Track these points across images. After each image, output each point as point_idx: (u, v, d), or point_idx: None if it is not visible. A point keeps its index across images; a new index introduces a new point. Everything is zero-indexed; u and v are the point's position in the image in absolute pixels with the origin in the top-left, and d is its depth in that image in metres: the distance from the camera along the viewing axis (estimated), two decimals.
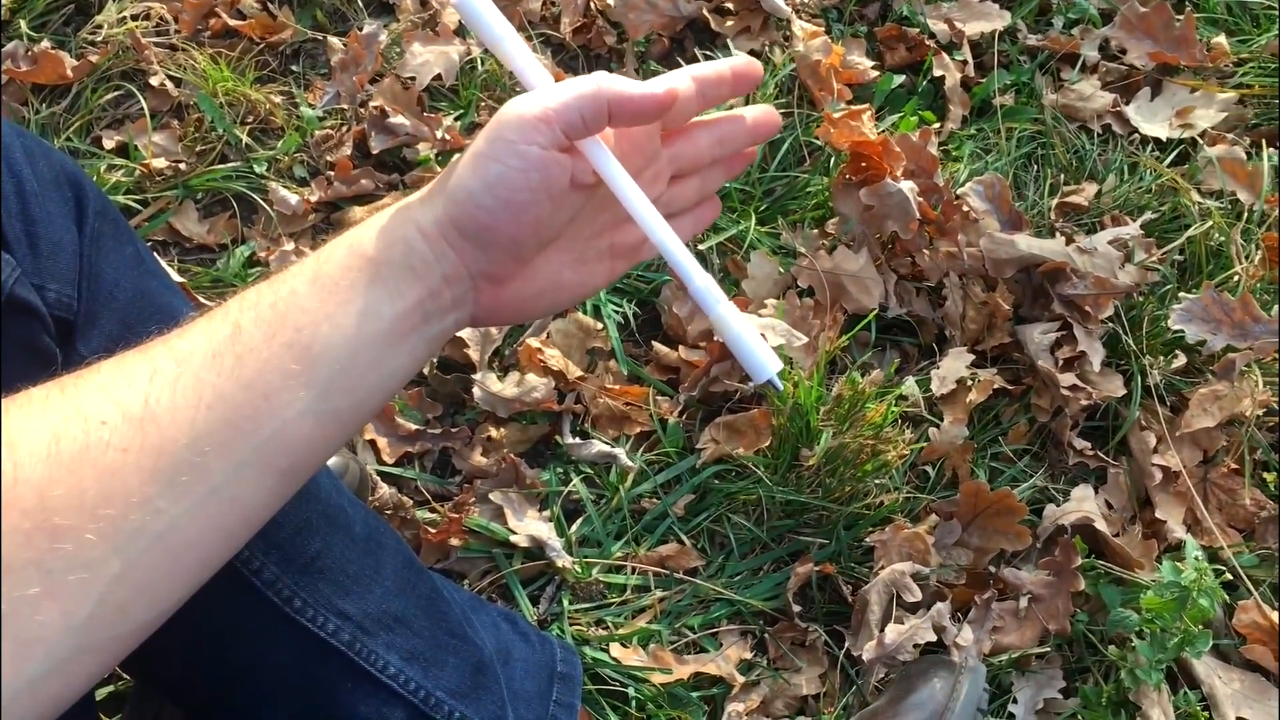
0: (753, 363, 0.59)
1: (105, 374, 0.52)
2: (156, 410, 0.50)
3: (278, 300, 0.55)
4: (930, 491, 1.24)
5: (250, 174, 1.41)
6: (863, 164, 1.35)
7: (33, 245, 0.70)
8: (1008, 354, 1.32)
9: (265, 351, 0.53)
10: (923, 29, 1.57)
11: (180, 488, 0.50)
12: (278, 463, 0.53)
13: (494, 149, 0.56)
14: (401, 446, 1.25)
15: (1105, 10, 1.62)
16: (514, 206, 0.56)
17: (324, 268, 0.56)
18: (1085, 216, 1.41)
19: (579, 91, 0.56)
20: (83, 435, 0.49)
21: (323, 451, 0.56)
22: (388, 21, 1.54)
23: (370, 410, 0.58)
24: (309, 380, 0.53)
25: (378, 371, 0.56)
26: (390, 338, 0.56)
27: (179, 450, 0.50)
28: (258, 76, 1.48)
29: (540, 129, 0.56)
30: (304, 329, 0.54)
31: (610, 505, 1.23)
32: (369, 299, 0.55)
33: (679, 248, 0.61)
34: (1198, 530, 1.24)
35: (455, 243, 0.57)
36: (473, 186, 0.56)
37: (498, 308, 0.62)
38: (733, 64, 0.64)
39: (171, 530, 0.50)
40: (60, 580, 0.47)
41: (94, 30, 1.48)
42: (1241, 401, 1.26)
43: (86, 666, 0.49)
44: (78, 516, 0.47)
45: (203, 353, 0.53)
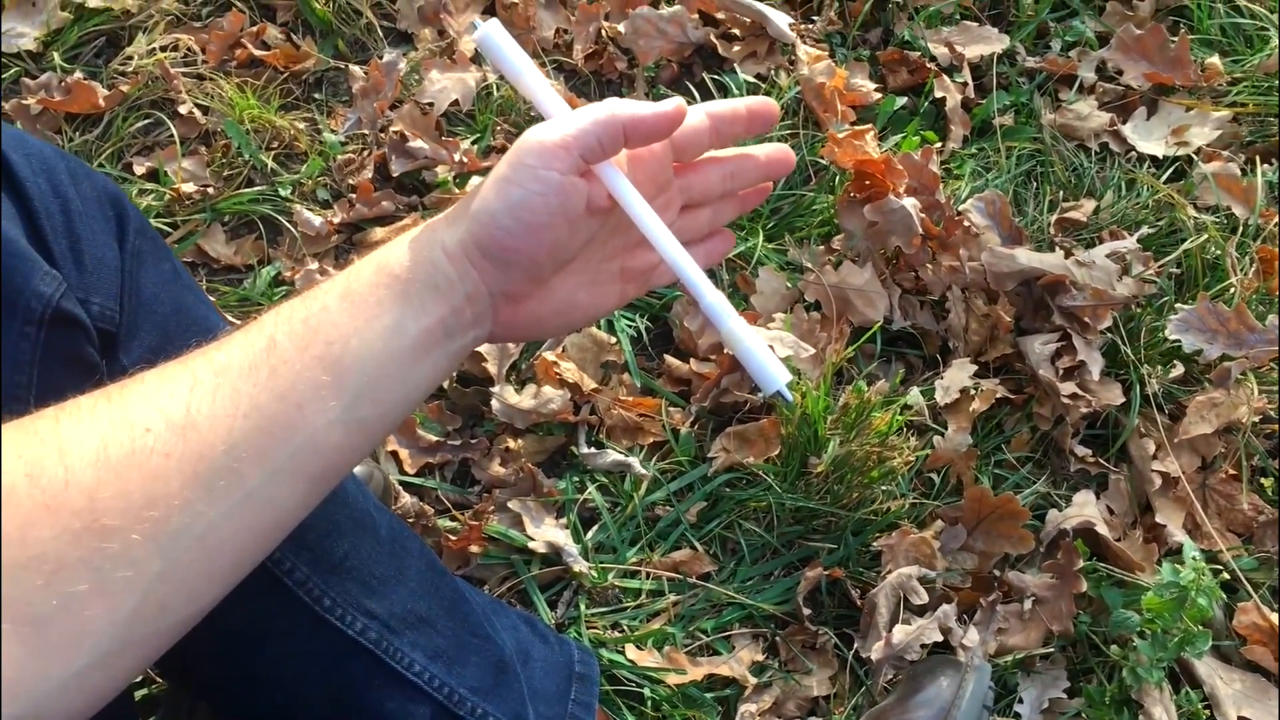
0: (762, 375, 0.62)
1: (149, 384, 0.55)
2: (197, 418, 0.53)
3: (310, 315, 0.58)
4: (935, 498, 1.28)
5: (275, 197, 1.46)
6: (866, 182, 1.40)
7: (78, 261, 0.74)
8: (1010, 364, 1.36)
9: (298, 364, 0.56)
10: (924, 52, 1.61)
11: (219, 492, 0.53)
12: (309, 469, 0.56)
13: (516, 174, 0.60)
14: (423, 457, 1.29)
15: (1102, 33, 1.66)
16: (533, 228, 0.60)
17: (354, 285, 0.60)
18: (1084, 231, 1.45)
19: (595, 118, 0.61)
20: (129, 441, 0.52)
21: (351, 459, 0.59)
22: (406, 50, 1.59)
23: (395, 420, 0.61)
24: (339, 391, 0.57)
25: (403, 383, 0.60)
26: (415, 352, 0.60)
27: (218, 456, 0.53)
28: (282, 104, 1.53)
29: (559, 155, 0.60)
30: (334, 343, 0.57)
31: (625, 513, 1.26)
32: (396, 315, 0.59)
33: (691, 266, 0.64)
34: (1197, 534, 1.27)
35: (477, 262, 0.61)
36: (495, 209, 0.60)
37: (514, 325, 0.66)
38: (749, 103, 0.68)
39: (210, 532, 0.53)
40: (108, 577, 0.50)
41: (124, 61, 1.54)
42: (1238, 409, 1.30)
43: (127, 661, 0.52)
44: (124, 518, 0.50)
45: (240, 364, 0.56)
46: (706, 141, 0.68)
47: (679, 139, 0.67)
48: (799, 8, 1.67)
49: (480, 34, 0.64)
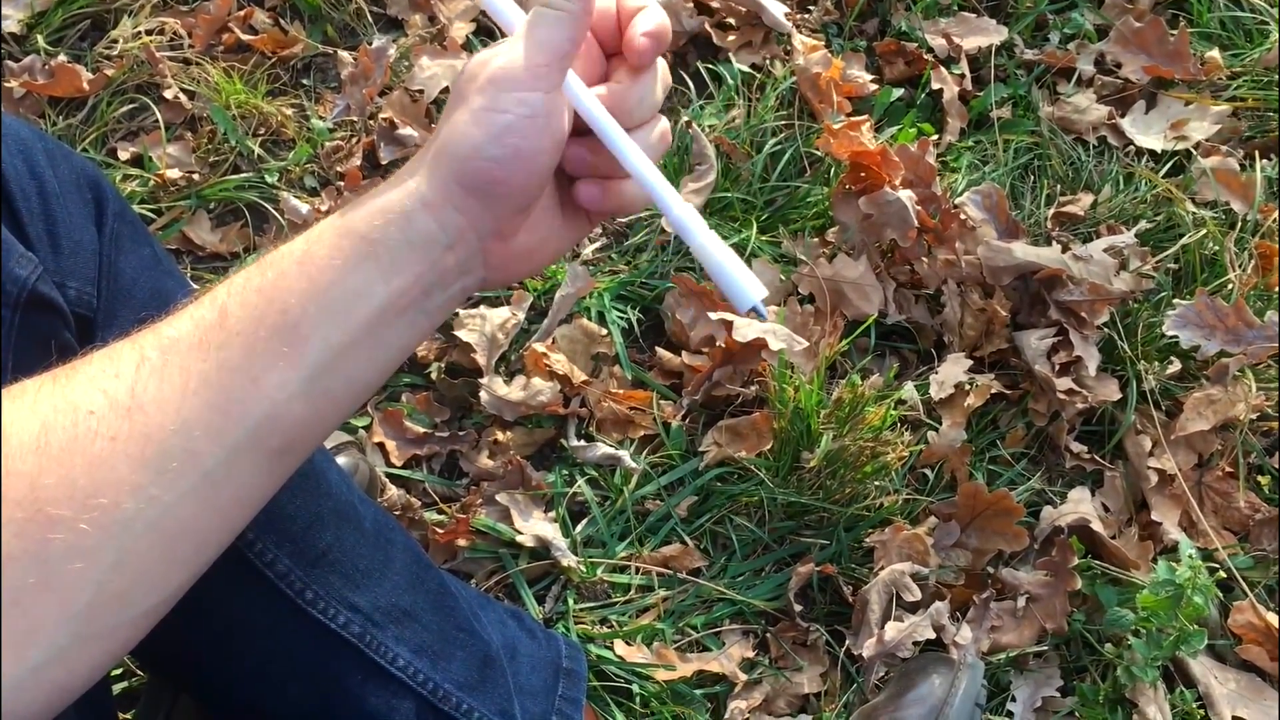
0: (735, 291, 0.57)
1: (95, 364, 0.52)
2: (143, 398, 0.50)
3: (265, 284, 0.54)
4: (929, 494, 1.26)
5: (262, 184, 1.44)
6: (862, 174, 1.38)
7: (54, 245, 0.72)
8: (1005, 359, 1.34)
9: (252, 336, 0.52)
10: (921, 44, 1.60)
11: (171, 474, 0.50)
12: (270, 444, 0.53)
13: (496, 101, 0.55)
14: (409, 449, 1.27)
15: (1101, 25, 1.65)
16: (524, 154, 0.55)
17: (313, 249, 0.55)
18: (1081, 226, 1.44)
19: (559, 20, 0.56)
20: (71, 426, 0.49)
21: (318, 430, 0.56)
22: (396, 36, 1.57)
23: (367, 387, 0.57)
24: (298, 363, 0.53)
25: (371, 350, 0.56)
26: (385, 315, 0.55)
27: (167, 436, 0.50)
28: (269, 90, 1.51)
29: (541, 74, 0.55)
30: (290, 311, 0.53)
31: (614, 507, 1.25)
32: (361, 278, 0.54)
33: (656, 176, 0.59)
34: (1193, 532, 1.25)
35: (462, 203, 0.56)
36: (478, 140, 0.55)
37: (506, 264, 0.61)
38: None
39: (166, 517, 0.50)
40: (56, 570, 0.47)
41: (109, 45, 1.51)
42: (1235, 406, 1.28)
43: (90, 654, 0.50)
44: (70, 506, 0.48)
45: (189, 339, 0.52)
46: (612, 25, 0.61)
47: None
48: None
49: None
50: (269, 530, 0.81)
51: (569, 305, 1.35)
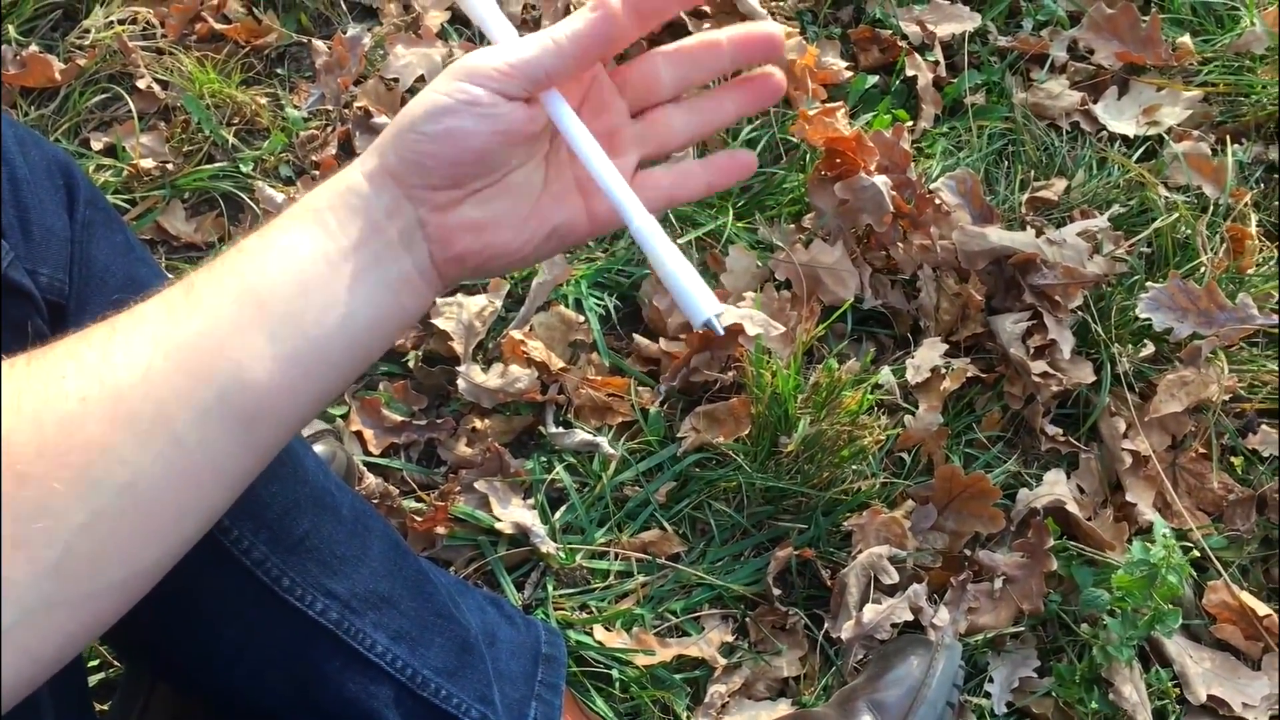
0: (689, 303, 0.58)
1: (70, 340, 0.53)
2: (114, 361, 0.51)
3: (228, 258, 0.56)
4: (906, 477, 1.27)
5: (237, 174, 1.43)
6: (837, 160, 1.38)
7: (25, 231, 0.72)
8: (981, 343, 1.35)
9: (215, 300, 0.54)
10: (895, 31, 1.60)
11: (143, 436, 0.50)
12: (240, 408, 0.53)
13: (445, 86, 0.57)
14: (387, 438, 1.27)
15: (1073, 12, 1.66)
16: (456, 134, 0.57)
17: (271, 226, 0.58)
18: (1055, 211, 1.45)
19: (542, 46, 0.57)
20: (43, 389, 0.49)
21: (289, 401, 0.56)
22: (371, 25, 1.57)
23: (337, 358, 0.57)
24: (261, 324, 0.54)
25: (333, 312, 0.56)
26: (339, 276, 0.56)
27: (138, 398, 0.50)
28: (243, 79, 1.50)
29: (492, 76, 0.57)
30: (249, 273, 0.55)
31: (593, 493, 1.25)
32: (310, 238, 0.57)
33: (620, 184, 0.60)
34: (1168, 513, 1.26)
35: (394, 170, 0.58)
36: (416, 114, 0.57)
37: (450, 238, 0.60)
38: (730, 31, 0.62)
39: (138, 480, 0.50)
40: (25, 528, 0.47)
41: (81, 34, 1.50)
42: (1208, 387, 1.29)
43: (60, 621, 0.49)
44: (41, 464, 0.48)
45: (158, 311, 0.54)
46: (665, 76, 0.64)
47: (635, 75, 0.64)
48: None
49: None
50: (245, 517, 0.80)
51: (546, 292, 1.35)
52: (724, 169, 0.68)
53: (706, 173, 0.67)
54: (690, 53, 0.64)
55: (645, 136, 0.66)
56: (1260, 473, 1.29)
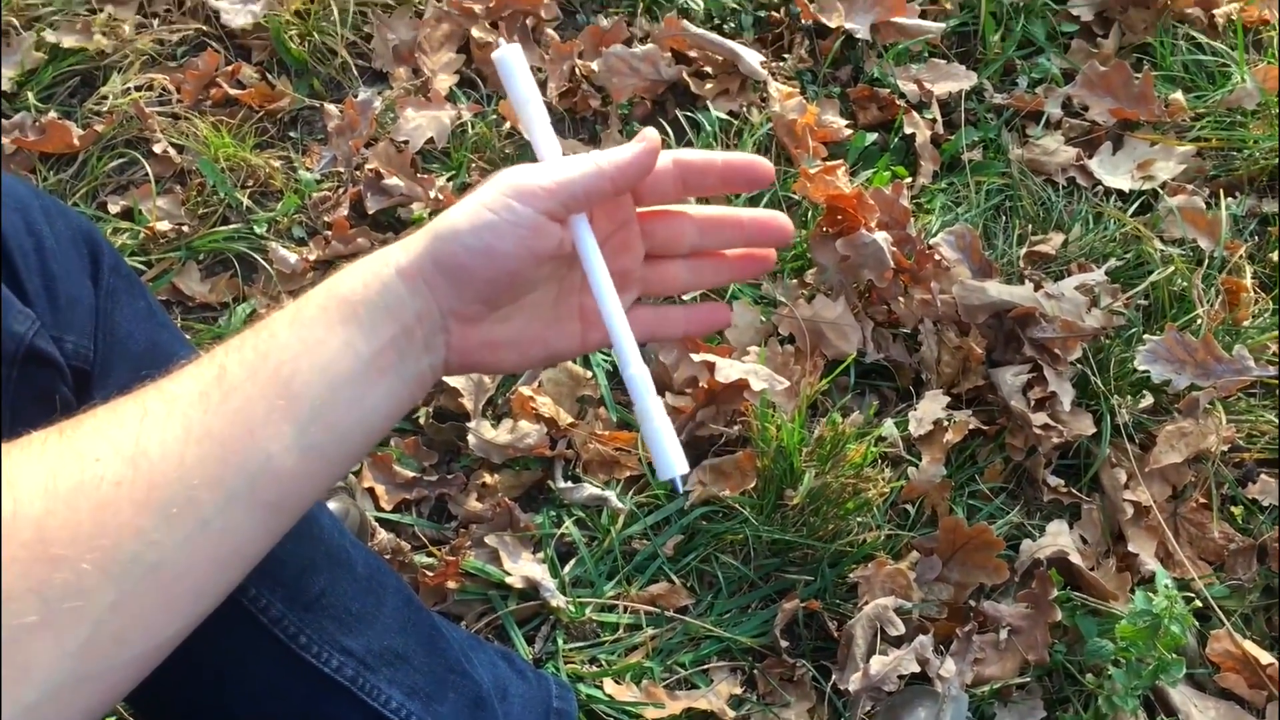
0: (662, 459, 0.62)
1: (100, 417, 0.54)
2: (148, 446, 0.52)
3: (259, 343, 0.58)
4: (911, 529, 1.29)
5: (251, 235, 1.46)
6: (838, 217, 1.41)
7: (52, 300, 0.74)
8: (982, 396, 1.37)
9: (249, 389, 0.55)
10: (893, 89, 1.64)
11: (172, 519, 0.52)
12: (265, 496, 0.55)
13: (492, 201, 0.60)
14: (399, 494, 1.29)
15: (1067, 69, 1.70)
16: (494, 253, 0.60)
17: (303, 310, 0.59)
18: (1053, 264, 1.47)
19: (584, 170, 0.61)
20: (78, 471, 0.51)
21: (309, 487, 0.58)
22: (381, 89, 1.61)
23: (354, 448, 0.60)
24: (292, 416, 0.56)
25: (359, 408, 0.59)
26: (368, 374, 0.59)
27: (170, 483, 0.52)
28: (257, 142, 1.54)
29: (540, 196, 0.60)
30: (284, 366, 0.56)
31: (602, 547, 1.27)
32: (346, 336, 0.58)
33: (625, 330, 0.64)
34: (1170, 563, 1.28)
35: (430, 278, 0.60)
36: (460, 226, 0.60)
37: (468, 352, 0.64)
38: (727, 157, 0.67)
39: (165, 561, 0.51)
40: (56, 608, 0.48)
41: (99, 101, 1.54)
42: (1207, 438, 1.31)
43: (84, 696, 0.50)
44: (73, 547, 0.49)
45: (190, 393, 0.55)
46: (670, 187, 0.67)
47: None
48: (770, 46, 1.69)
49: (499, 54, 0.65)
50: (263, 576, 0.82)
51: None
52: (702, 320, 0.73)
53: (685, 320, 0.72)
54: (715, 223, 0.69)
55: (649, 281, 0.70)
56: (1260, 522, 1.31)
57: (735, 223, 0.70)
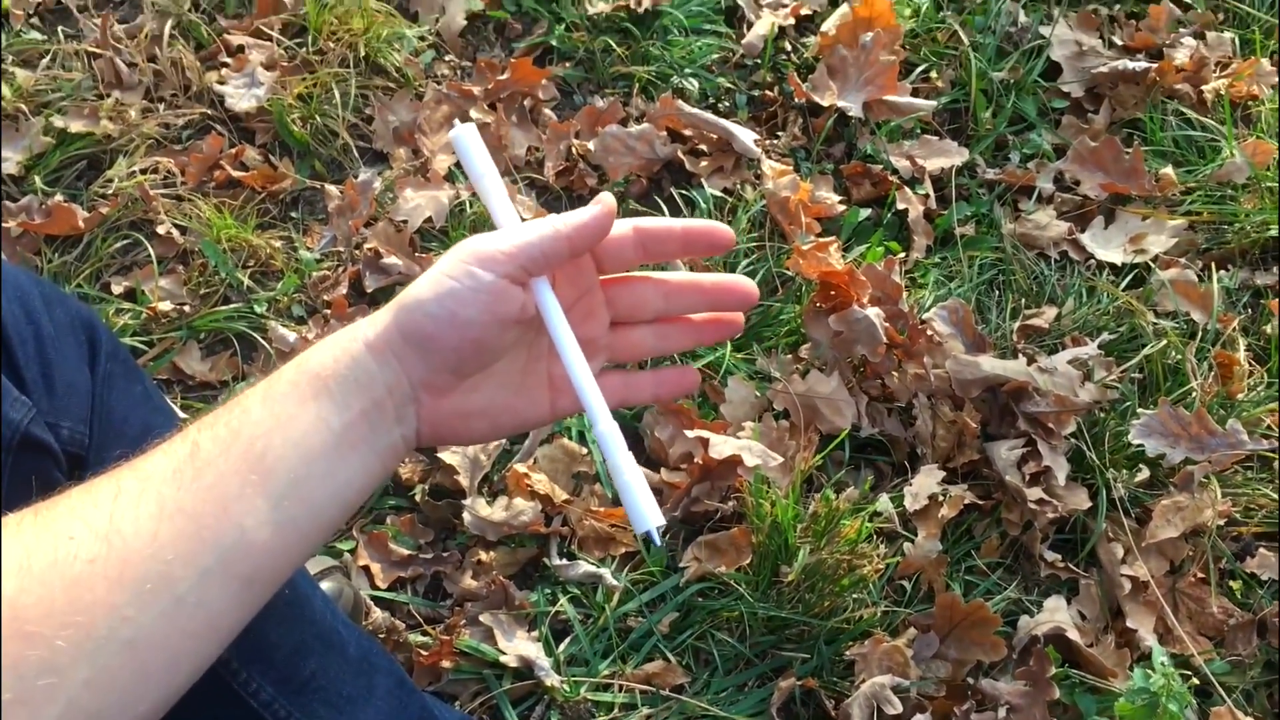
0: (636, 512, 0.62)
1: (75, 497, 0.55)
2: (121, 524, 0.53)
3: (232, 419, 0.58)
4: (907, 605, 1.28)
5: (251, 314, 1.48)
6: (831, 292, 1.43)
7: (49, 386, 0.75)
8: (977, 470, 1.37)
9: (222, 465, 0.56)
10: (886, 165, 1.66)
11: (146, 595, 0.52)
12: (240, 570, 0.55)
13: (453, 269, 0.61)
14: (394, 571, 1.29)
15: (1058, 145, 1.72)
16: (459, 321, 0.60)
17: (274, 387, 0.60)
18: (1046, 338, 1.48)
19: (541, 232, 0.62)
20: (52, 550, 0.51)
21: (284, 561, 0.58)
22: (381, 169, 1.63)
23: (328, 520, 0.60)
24: (265, 490, 0.56)
25: (331, 481, 0.59)
26: (340, 448, 0.59)
27: (144, 560, 0.52)
28: (259, 223, 1.56)
29: (500, 260, 0.61)
30: (257, 441, 0.57)
31: (597, 624, 1.26)
32: (317, 410, 0.59)
33: (592, 388, 0.64)
34: (1169, 639, 1.27)
35: (399, 350, 0.61)
36: (424, 297, 0.60)
37: (439, 423, 0.64)
38: (686, 224, 0.67)
39: (139, 637, 0.52)
40: (30, 685, 0.48)
41: (105, 184, 1.57)
42: (1203, 512, 1.31)
43: None
44: (47, 624, 0.49)
45: (163, 470, 0.55)
46: (631, 254, 0.68)
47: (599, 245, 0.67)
48: (764, 124, 1.72)
49: (455, 133, 0.67)
50: (254, 658, 0.82)
51: (549, 427, 1.38)
52: (670, 383, 0.72)
53: (654, 385, 0.72)
54: (678, 288, 0.70)
55: (615, 347, 0.71)
56: (1260, 596, 1.30)
57: (698, 287, 0.70)
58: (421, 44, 1.76)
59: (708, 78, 1.75)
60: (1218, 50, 1.81)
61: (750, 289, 0.70)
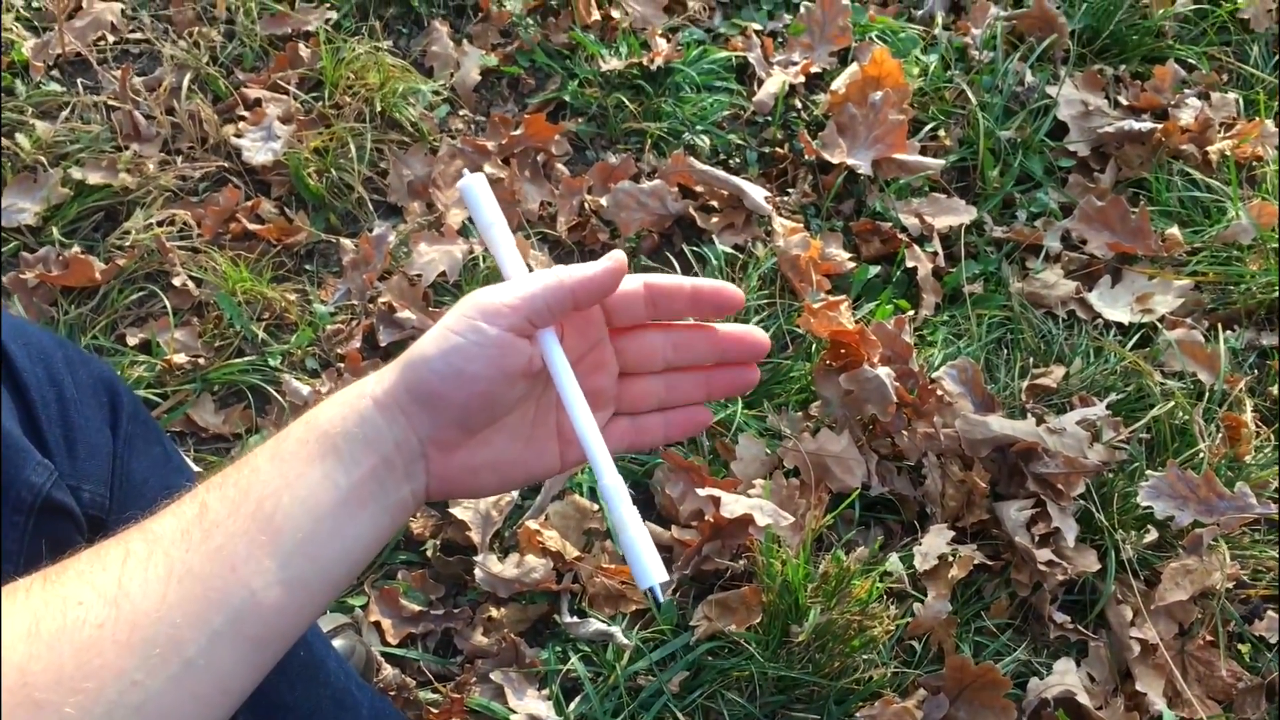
0: (639, 568, 0.61)
1: (83, 561, 0.54)
2: (130, 588, 0.52)
3: (240, 479, 0.58)
4: (917, 666, 1.28)
5: (265, 367, 1.49)
6: (842, 351, 1.44)
7: (70, 449, 0.76)
8: (987, 530, 1.38)
9: (231, 525, 0.56)
10: (895, 223, 1.68)
11: (155, 660, 0.52)
12: (249, 631, 0.55)
13: (457, 324, 0.60)
14: (405, 628, 1.29)
15: (1065, 204, 1.74)
16: (465, 377, 0.60)
17: (283, 445, 0.60)
18: (1054, 397, 1.49)
19: (545, 283, 0.62)
20: (60, 616, 0.51)
21: (293, 621, 0.58)
22: (396, 223, 1.65)
23: (337, 579, 0.60)
24: (273, 550, 0.56)
25: (340, 539, 0.59)
26: (349, 506, 0.59)
27: (152, 623, 0.52)
28: (274, 276, 1.58)
29: (504, 313, 0.60)
30: (266, 501, 0.57)
31: (607, 683, 1.26)
32: (325, 469, 0.59)
33: (598, 442, 0.64)
34: (1178, 702, 1.27)
35: (406, 406, 0.61)
36: (429, 353, 0.60)
37: (448, 478, 0.64)
38: (696, 283, 0.67)
39: (148, 702, 0.51)
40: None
41: (122, 236, 1.58)
42: (1212, 575, 1.31)
43: None
44: (56, 691, 0.49)
45: (172, 532, 0.55)
46: (641, 309, 0.68)
47: (609, 299, 0.67)
48: (775, 181, 1.74)
49: (463, 183, 0.67)
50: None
51: (561, 482, 1.39)
52: (679, 424, 0.72)
53: (664, 426, 0.71)
54: (688, 337, 0.69)
55: (624, 399, 0.70)
56: (1268, 660, 1.30)
57: (708, 337, 0.69)
58: (436, 99, 1.78)
59: (719, 134, 1.77)
60: (1222, 111, 1.83)
61: (762, 340, 0.69)
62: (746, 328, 0.70)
